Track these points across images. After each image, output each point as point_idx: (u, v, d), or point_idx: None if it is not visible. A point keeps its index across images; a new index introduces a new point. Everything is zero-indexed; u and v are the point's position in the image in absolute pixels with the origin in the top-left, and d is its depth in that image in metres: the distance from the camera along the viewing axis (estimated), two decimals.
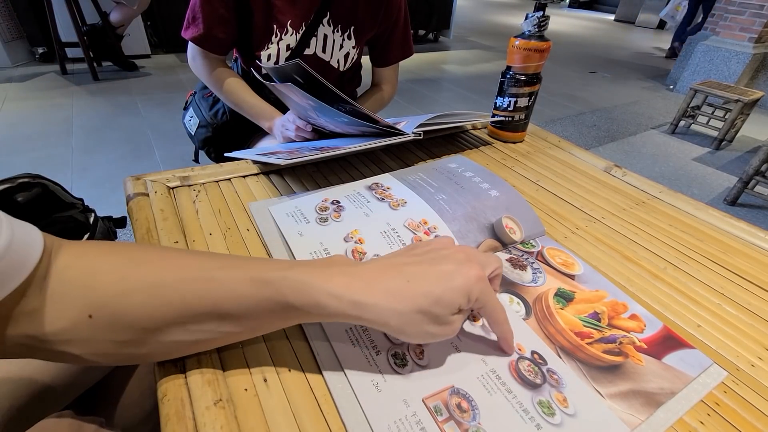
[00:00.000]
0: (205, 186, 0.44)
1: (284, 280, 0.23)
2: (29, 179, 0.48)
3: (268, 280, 0.23)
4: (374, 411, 0.24)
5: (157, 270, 0.23)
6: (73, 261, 0.22)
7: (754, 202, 1.80)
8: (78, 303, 0.21)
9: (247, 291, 0.23)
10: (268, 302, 0.23)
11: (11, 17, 2.39)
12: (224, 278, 0.23)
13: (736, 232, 0.45)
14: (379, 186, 0.44)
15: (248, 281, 0.23)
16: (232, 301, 0.23)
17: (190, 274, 0.23)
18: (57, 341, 0.21)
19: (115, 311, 0.22)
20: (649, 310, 0.34)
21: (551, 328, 0.31)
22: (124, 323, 0.22)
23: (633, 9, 7.01)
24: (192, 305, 0.23)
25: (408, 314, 0.23)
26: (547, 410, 0.25)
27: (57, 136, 1.71)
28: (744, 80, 3.02)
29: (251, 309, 0.23)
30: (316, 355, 0.27)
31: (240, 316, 0.23)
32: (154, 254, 0.24)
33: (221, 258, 0.25)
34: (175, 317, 0.22)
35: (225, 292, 0.23)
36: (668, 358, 0.29)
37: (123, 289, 0.22)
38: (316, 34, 0.72)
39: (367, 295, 0.23)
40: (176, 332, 0.23)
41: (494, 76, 3.13)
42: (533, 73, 0.58)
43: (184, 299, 0.22)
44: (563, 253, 0.39)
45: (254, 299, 0.23)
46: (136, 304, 0.22)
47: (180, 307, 0.22)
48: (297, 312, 0.23)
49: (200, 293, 0.23)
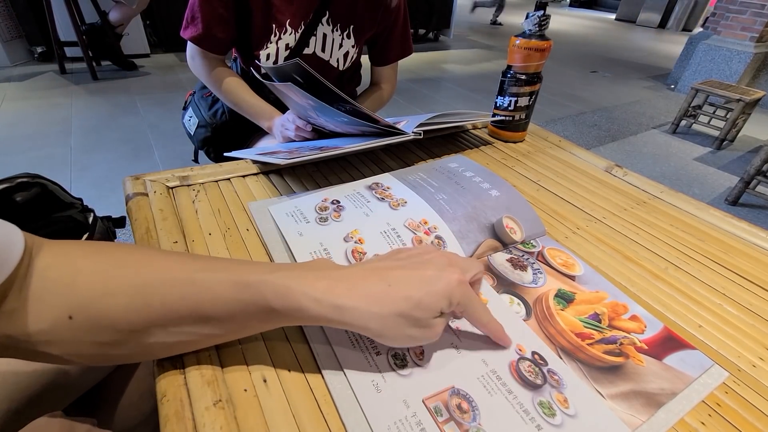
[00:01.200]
0: (205, 186, 0.44)
1: (265, 283, 0.23)
2: (28, 179, 0.48)
3: (249, 283, 0.23)
4: (374, 411, 0.24)
5: (138, 272, 0.23)
6: (54, 261, 0.22)
7: (755, 202, 1.80)
8: (58, 303, 0.21)
9: (228, 294, 0.23)
10: (249, 305, 0.23)
11: (10, 16, 2.39)
12: (206, 281, 0.23)
13: (738, 232, 0.45)
14: (379, 186, 0.44)
15: (230, 284, 0.23)
16: (213, 303, 0.23)
17: (171, 276, 0.23)
18: (36, 341, 0.21)
19: (95, 312, 0.22)
20: (650, 310, 0.34)
21: (552, 328, 0.31)
22: (105, 324, 0.22)
23: (634, 8, 7.00)
24: (173, 307, 0.22)
25: (388, 317, 0.24)
26: (547, 411, 0.25)
27: (56, 135, 1.71)
28: (745, 80, 3.01)
29: (232, 312, 0.23)
30: (316, 356, 0.27)
31: (221, 319, 0.23)
32: (136, 255, 0.24)
33: (204, 260, 0.25)
34: (155, 319, 0.22)
35: (206, 295, 0.23)
36: (669, 359, 0.29)
37: (104, 291, 0.22)
38: (316, 33, 0.72)
39: (348, 299, 0.23)
40: (157, 334, 0.23)
41: (495, 75, 3.13)
42: (534, 72, 0.57)
43: (164, 301, 0.22)
44: (564, 254, 0.39)
45: (235, 302, 0.23)
46: (117, 305, 0.22)
47: (161, 309, 0.22)
48: (278, 315, 0.24)
49: (181, 295, 0.23)
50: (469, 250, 0.37)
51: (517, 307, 0.33)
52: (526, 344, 0.29)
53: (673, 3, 6.58)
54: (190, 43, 0.69)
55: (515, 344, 0.29)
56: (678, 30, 6.60)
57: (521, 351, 0.29)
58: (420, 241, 0.36)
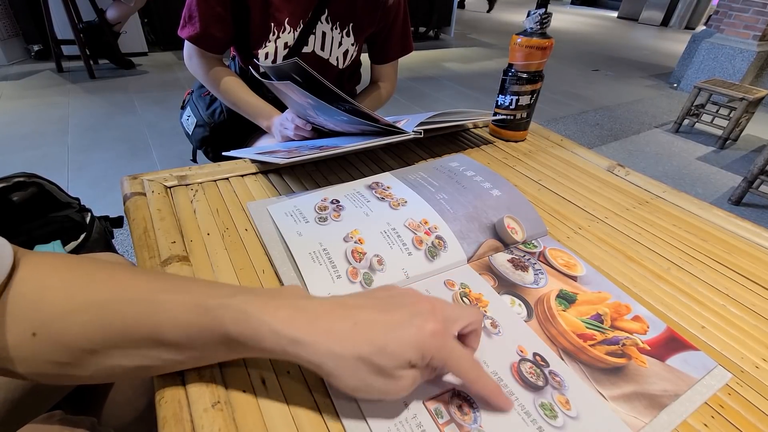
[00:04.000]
0: (203, 185, 0.44)
1: (225, 307, 0.22)
2: (25, 178, 0.48)
3: (209, 307, 0.22)
4: (374, 413, 0.24)
5: (103, 289, 0.22)
6: (27, 274, 0.22)
7: (759, 201, 1.79)
8: (24, 319, 0.21)
9: (187, 317, 0.22)
10: (205, 331, 0.22)
11: (7, 14, 2.38)
12: (167, 302, 0.22)
13: (741, 232, 0.45)
14: (380, 185, 0.43)
15: (190, 306, 0.22)
16: (173, 326, 0.22)
17: (133, 295, 0.22)
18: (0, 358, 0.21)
19: (57, 330, 0.21)
20: (653, 311, 0.33)
21: (553, 329, 0.31)
22: (65, 343, 0.21)
23: (636, 6, 6.96)
24: (131, 328, 0.22)
25: (347, 359, 0.21)
26: (549, 413, 0.25)
27: (53, 134, 1.71)
28: (749, 78, 3.00)
29: (191, 337, 0.22)
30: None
31: (180, 344, 0.22)
32: (105, 272, 0.23)
33: (171, 280, 0.24)
34: (114, 341, 0.22)
35: (165, 316, 0.22)
36: (672, 360, 0.29)
37: (67, 308, 0.21)
38: (315, 31, 0.71)
39: (307, 333, 0.22)
40: (116, 356, 0.22)
41: (496, 74, 3.12)
42: (535, 71, 0.57)
43: (124, 322, 0.21)
44: (565, 254, 0.39)
45: (194, 326, 0.22)
46: (77, 324, 0.21)
47: (120, 330, 0.21)
48: (236, 343, 0.22)
49: (140, 316, 0.22)
50: (470, 251, 0.37)
51: (519, 308, 0.32)
52: (528, 346, 0.29)
53: (676, 1, 6.55)
54: (187, 43, 0.68)
55: (516, 345, 0.29)
56: (681, 28, 6.57)
57: (522, 352, 0.28)
58: (420, 242, 0.36)
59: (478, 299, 0.32)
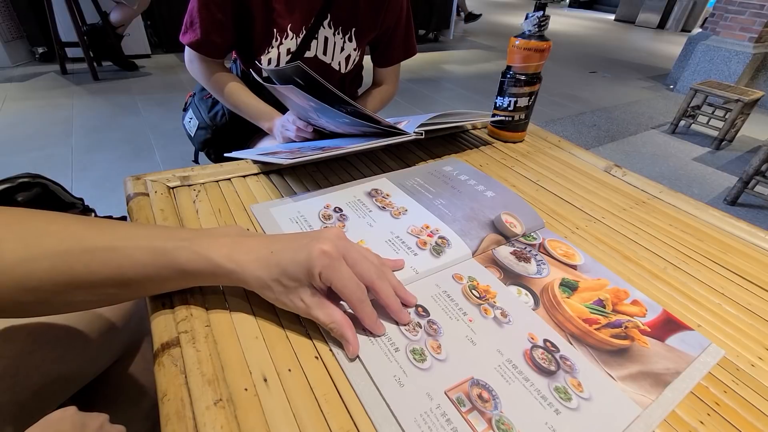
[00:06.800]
0: (205, 186, 0.45)
1: (180, 249, 0.26)
2: (29, 179, 0.48)
3: (166, 249, 0.26)
4: (399, 406, 0.24)
5: (61, 240, 0.25)
6: None
7: (754, 202, 1.80)
8: None
9: (146, 259, 0.25)
10: (164, 269, 0.26)
11: (11, 17, 2.38)
12: (126, 248, 0.25)
13: (737, 232, 0.45)
14: (379, 193, 0.44)
15: (148, 250, 0.26)
16: (134, 268, 0.25)
17: (93, 244, 0.25)
18: None
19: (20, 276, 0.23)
20: (649, 296, 0.35)
21: (560, 316, 0.32)
22: (29, 288, 0.24)
23: (633, 9, 7.00)
24: (96, 272, 0.25)
25: (265, 280, 0.26)
26: (563, 395, 0.26)
27: (57, 135, 1.71)
28: (744, 80, 3.02)
29: (150, 275, 0.26)
30: (335, 354, 0.27)
31: (141, 282, 0.26)
32: (57, 225, 0.26)
33: (123, 228, 0.27)
34: (79, 282, 0.25)
35: (127, 261, 0.25)
36: (671, 340, 0.31)
37: (26, 256, 0.24)
38: (317, 36, 0.72)
39: (240, 263, 0.26)
40: (81, 294, 0.25)
41: (494, 75, 3.13)
42: (533, 72, 0.57)
43: (88, 268, 0.24)
44: (564, 245, 0.40)
45: (153, 266, 0.26)
46: (41, 269, 0.24)
47: (84, 274, 0.25)
48: (191, 276, 0.27)
49: (103, 262, 0.25)
50: (473, 246, 0.38)
51: (525, 297, 0.33)
52: (538, 332, 0.30)
53: (672, 4, 6.59)
54: (188, 48, 0.69)
55: (527, 333, 0.30)
56: (677, 30, 6.61)
57: (533, 339, 0.29)
58: (424, 243, 0.37)
59: (486, 291, 0.33)
